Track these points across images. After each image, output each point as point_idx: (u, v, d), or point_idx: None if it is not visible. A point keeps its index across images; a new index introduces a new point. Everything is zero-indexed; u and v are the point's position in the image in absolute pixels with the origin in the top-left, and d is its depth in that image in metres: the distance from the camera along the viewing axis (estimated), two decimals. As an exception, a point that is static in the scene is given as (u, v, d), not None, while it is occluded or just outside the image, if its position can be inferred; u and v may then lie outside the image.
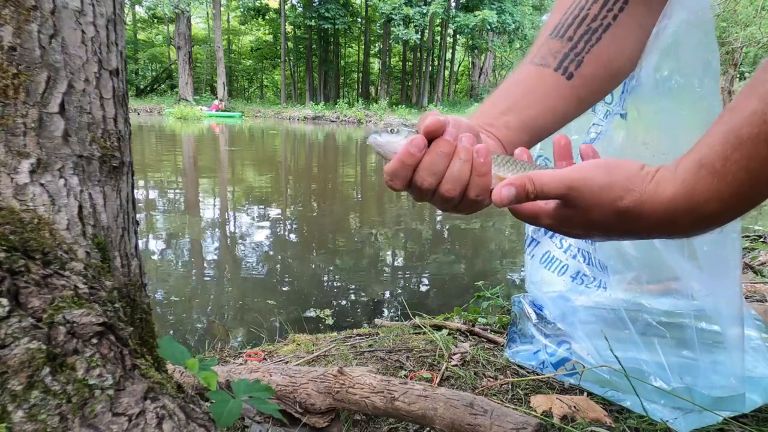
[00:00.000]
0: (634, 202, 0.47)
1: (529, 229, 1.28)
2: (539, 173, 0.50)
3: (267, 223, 5.08)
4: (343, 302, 3.01)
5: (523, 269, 3.70)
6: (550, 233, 1.24)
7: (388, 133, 0.56)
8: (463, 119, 0.58)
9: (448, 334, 1.61)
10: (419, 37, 28.28)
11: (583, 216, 0.49)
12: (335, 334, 1.83)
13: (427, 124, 0.53)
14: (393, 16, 26.71)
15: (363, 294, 3.20)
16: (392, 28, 27.60)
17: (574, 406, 1.04)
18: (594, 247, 1.16)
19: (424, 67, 33.37)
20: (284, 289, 3.20)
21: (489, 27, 27.39)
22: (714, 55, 0.79)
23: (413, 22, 27.05)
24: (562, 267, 1.24)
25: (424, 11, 26.89)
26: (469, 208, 0.56)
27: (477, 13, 26.68)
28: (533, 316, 1.32)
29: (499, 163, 0.54)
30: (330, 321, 2.64)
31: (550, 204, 0.52)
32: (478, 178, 0.53)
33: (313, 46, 35.23)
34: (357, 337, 1.70)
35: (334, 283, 3.38)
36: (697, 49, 0.78)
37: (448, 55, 35.92)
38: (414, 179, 0.54)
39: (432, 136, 0.53)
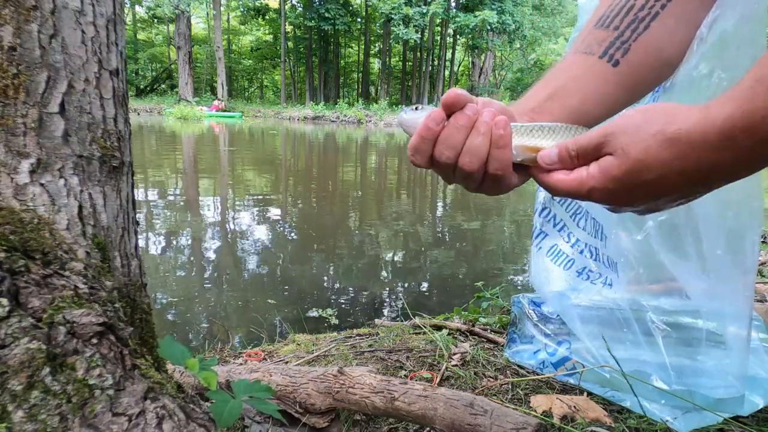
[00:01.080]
0: (681, 127, 0.43)
1: (537, 221, 1.27)
2: (574, 138, 0.50)
3: (267, 223, 5.08)
4: (343, 302, 3.01)
5: (523, 269, 3.70)
6: (559, 226, 1.23)
7: (412, 110, 0.56)
8: (498, 102, 0.57)
9: (448, 334, 1.61)
10: (419, 37, 28.27)
11: (627, 163, 0.46)
12: (335, 334, 1.83)
13: (444, 98, 0.53)
14: (393, 16, 26.71)
15: (363, 294, 3.20)
16: (392, 28, 27.61)
17: (574, 406, 1.04)
18: (604, 243, 1.15)
19: (424, 67, 33.38)
20: (284, 289, 3.20)
21: (489, 27, 27.39)
22: (762, 51, 0.75)
23: (413, 22, 27.05)
24: (569, 261, 1.24)
25: (424, 11, 26.89)
26: (493, 185, 0.55)
27: (477, 13, 26.68)
28: (533, 315, 1.32)
29: (523, 133, 0.53)
30: (334, 321, 2.64)
31: (592, 167, 0.49)
32: (497, 151, 0.52)
33: (313, 46, 35.24)
34: (357, 337, 1.70)
35: (334, 283, 3.38)
36: (744, 44, 0.74)
37: (448, 55, 35.93)
38: (434, 153, 0.54)
39: (451, 110, 0.53)
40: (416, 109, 0.56)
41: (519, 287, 3.29)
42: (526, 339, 1.33)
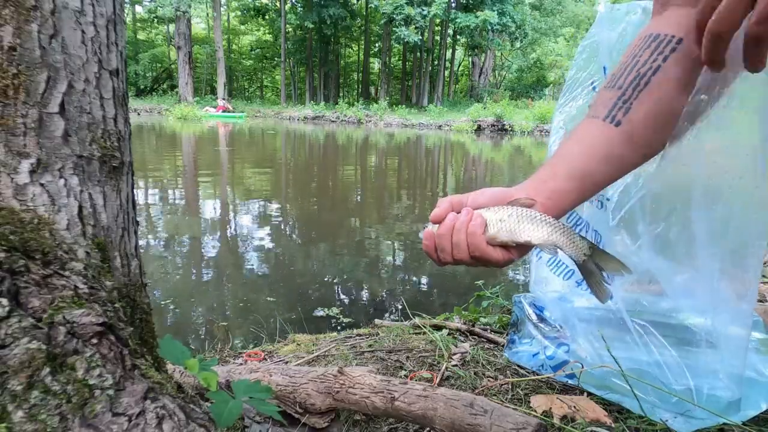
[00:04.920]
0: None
1: None
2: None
3: (267, 223, 5.08)
4: (343, 302, 3.01)
5: (522, 269, 3.69)
6: None
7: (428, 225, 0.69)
8: (486, 191, 0.68)
9: (448, 334, 1.61)
10: (420, 39, 28.25)
11: None
12: (335, 334, 1.83)
13: (431, 217, 0.67)
14: (394, 17, 26.67)
15: (363, 294, 3.20)
16: (394, 29, 27.59)
17: (574, 407, 1.04)
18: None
19: (424, 67, 33.38)
20: (284, 288, 3.20)
21: (490, 27, 27.36)
22: None
23: (414, 23, 27.02)
24: (568, 272, 1.24)
25: (425, 13, 26.85)
26: (483, 264, 0.66)
27: (479, 13, 26.64)
28: (534, 316, 1.32)
29: (491, 223, 0.65)
30: (336, 319, 2.64)
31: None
32: (473, 245, 0.63)
33: (313, 46, 35.23)
34: (357, 337, 1.70)
35: (334, 283, 3.38)
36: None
37: (448, 55, 35.91)
38: (438, 257, 0.67)
39: (438, 222, 0.66)
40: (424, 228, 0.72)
41: (520, 287, 3.29)
42: (527, 340, 1.33)
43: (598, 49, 1.12)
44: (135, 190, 0.77)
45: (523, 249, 0.65)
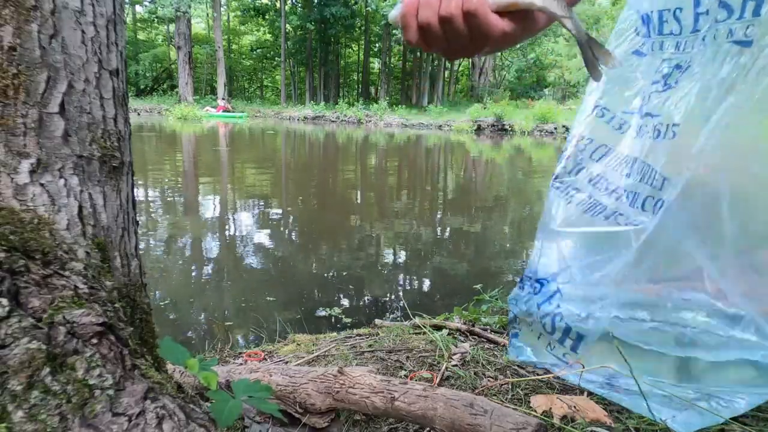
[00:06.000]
0: None
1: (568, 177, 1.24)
2: None
3: (267, 223, 5.08)
4: (343, 302, 3.01)
5: (524, 269, 3.69)
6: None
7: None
8: None
9: (448, 334, 1.61)
10: (422, 40, 28.20)
11: None
12: (335, 334, 1.83)
13: (402, 6, 0.57)
14: (396, 19, 26.61)
15: (363, 294, 3.20)
16: (394, 31, 27.54)
17: (574, 406, 1.04)
18: (656, 184, 1.06)
19: (424, 67, 33.35)
20: (284, 289, 3.20)
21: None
22: None
23: (415, 24, 26.95)
24: (600, 208, 1.20)
25: (426, 14, 26.77)
26: (479, 33, 0.56)
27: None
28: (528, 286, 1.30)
29: None
30: (337, 318, 2.64)
31: None
32: (462, 5, 0.54)
33: (313, 46, 35.23)
34: (357, 337, 1.70)
35: (334, 283, 3.38)
36: None
37: (448, 55, 35.78)
38: (418, 21, 0.56)
39: None
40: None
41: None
42: (527, 329, 1.30)
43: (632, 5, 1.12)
44: (135, 190, 0.77)
45: (521, 21, 0.58)
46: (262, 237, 4.51)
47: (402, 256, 4.18)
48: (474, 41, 0.56)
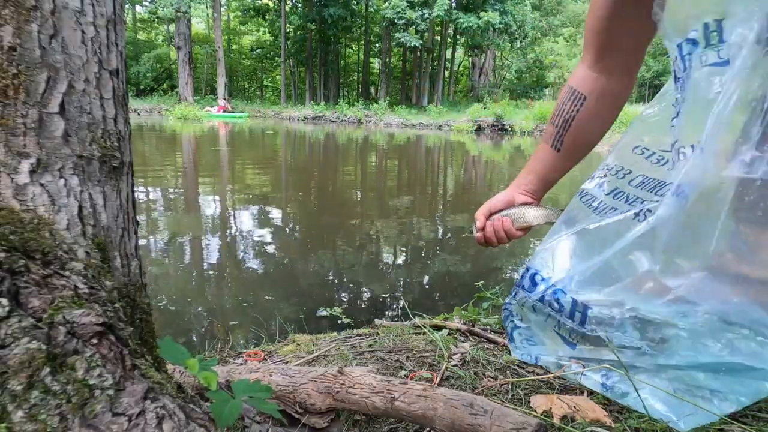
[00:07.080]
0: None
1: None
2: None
3: (267, 223, 5.08)
4: (343, 302, 3.01)
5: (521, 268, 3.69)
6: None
7: (474, 229, 1.20)
8: (500, 196, 1.15)
9: (448, 334, 1.61)
10: (421, 42, 28.16)
11: None
12: (335, 334, 1.83)
13: (478, 225, 1.18)
14: (396, 21, 26.55)
15: (363, 294, 3.20)
16: (394, 33, 27.51)
17: (574, 406, 1.04)
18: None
19: (424, 67, 33.35)
20: (284, 289, 3.20)
21: (492, 28, 27.26)
22: None
23: (415, 26, 26.91)
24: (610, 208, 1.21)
25: (426, 15, 26.74)
26: (515, 238, 1.16)
27: (482, 14, 26.52)
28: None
29: (515, 220, 1.14)
30: (337, 318, 2.64)
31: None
32: (504, 233, 1.14)
33: (314, 46, 35.23)
34: (357, 337, 1.70)
35: (334, 283, 3.38)
36: None
37: (448, 55, 35.88)
38: (486, 241, 1.18)
39: (482, 229, 1.17)
40: (470, 232, 1.21)
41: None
42: (523, 322, 1.30)
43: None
44: (135, 190, 0.77)
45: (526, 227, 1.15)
46: (262, 237, 4.51)
47: (402, 255, 4.18)
48: (511, 238, 1.15)
